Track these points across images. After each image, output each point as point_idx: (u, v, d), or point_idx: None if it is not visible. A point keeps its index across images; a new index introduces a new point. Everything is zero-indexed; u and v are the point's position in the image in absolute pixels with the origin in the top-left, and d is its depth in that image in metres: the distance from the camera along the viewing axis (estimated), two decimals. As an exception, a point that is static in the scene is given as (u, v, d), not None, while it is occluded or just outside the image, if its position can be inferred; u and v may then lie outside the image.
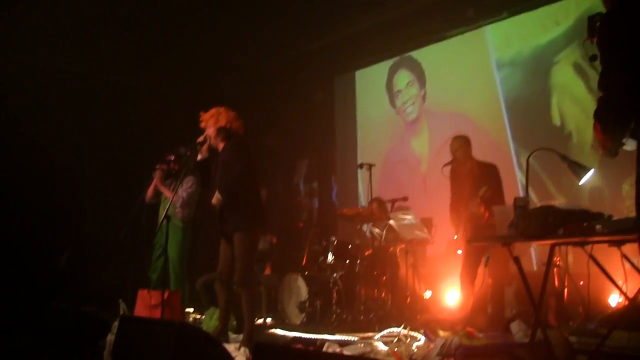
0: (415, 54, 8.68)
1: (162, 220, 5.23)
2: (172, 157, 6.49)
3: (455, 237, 6.02)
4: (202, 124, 5.30)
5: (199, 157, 5.30)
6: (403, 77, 8.89)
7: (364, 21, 8.35)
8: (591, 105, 5.79)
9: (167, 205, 5.49)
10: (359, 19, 8.33)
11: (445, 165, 6.18)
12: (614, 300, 5.25)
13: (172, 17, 7.98)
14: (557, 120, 6.95)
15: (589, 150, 6.47)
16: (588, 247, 3.58)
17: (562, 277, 5.08)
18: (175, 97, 9.55)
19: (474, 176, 5.80)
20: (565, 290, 5.11)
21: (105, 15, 7.67)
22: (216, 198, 5.02)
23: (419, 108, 8.63)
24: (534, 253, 6.72)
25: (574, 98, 6.72)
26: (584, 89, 6.62)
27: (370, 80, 9.42)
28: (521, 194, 6.71)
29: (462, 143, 5.94)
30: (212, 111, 5.29)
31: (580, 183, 3.70)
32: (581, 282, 4.62)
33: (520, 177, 7.01)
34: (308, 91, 10.12)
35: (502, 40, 7.64)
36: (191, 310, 7.05)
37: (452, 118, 8.02)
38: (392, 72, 9.05)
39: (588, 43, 3.55)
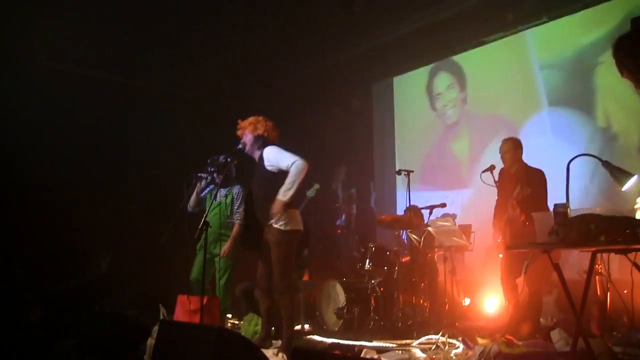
0: (456, 57, 8.62)
1: (201, 227, 5.27)
2: (214, 168, 6.51)
3: (499, 239, 5.91)
4: (240, 132, 5.35)
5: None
6: (443, 80, 8.83)
7: (401, 28, 8.33)
8: (638, 105, 5.67)
9: (207, 212, 5.55)
10: (397, 26, 8.31)
11: (485, 171, 6.14)
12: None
13: (212, 26, 8.08)
14: (602, 122, 6.79)
15: (635, 153, 6.32)
16: (632, 255, 3.50)
17: (605, 286, 4.97)
18: (215, 105, 9.66)
19: (517, 180, 5.74)
20: (608, 299, 4.99)
21: (145, 25, 7.81)
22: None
23: (459, 111, 8.56)
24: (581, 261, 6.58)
25: (620, 99, 6.53)
26: (630, 90, 6.44)
27: (408, 87, 9.39)
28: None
29: (510, 146, 5.90)
30: (251, 119, 5.33)
31: (623, 189, 3.62)
32: (625, 291, 4.52)
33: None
34: (346, 98, 10.14)
35: (544, 43, 7.51)
36: (230, 316, 7.10)
37: (493, 121, 7.94)
38: (433, 74, 8.98)
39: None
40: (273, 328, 5.68)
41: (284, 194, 4.90)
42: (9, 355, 4.56)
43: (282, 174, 5.02)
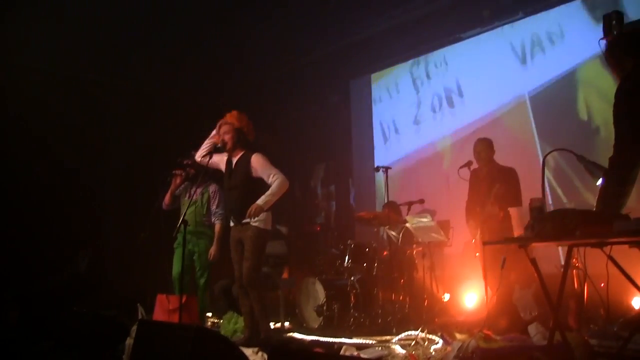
0: (440, 52, 8.62)
1: (180, 225, 5.24)
2: (189, 162, 6.47)
3: (473, 240, 5.99)
4: (219, 129, 5.35)
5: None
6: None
7: (377, 25, 8.34)
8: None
9: (185, 210, 5.52)
10: (374, 23, 8.32)
11: (462, 167, 6.19)
12: (637, 302, 5.18)
13: (187, 21, 8.02)
14: (584, 115, 6.83)
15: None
16: (607, 249, 3.53)
17: (582, 279, 5.02)
18: (191, 102, 9.60)
19: (492, 179, 5.80)
20: (585, 292, 5.05)
21: (120, 23, 7.74)
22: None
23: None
24: (562, 255, 6.62)
25: (601, 92, 6.55)
26: (611, 83, 6.49)
27: (386, 83, 9.40)
28: (548, 191, 6.65)
29: (485, 146, 5.98)
30: (233, 116, 5.35)
31: (598, 184, 3.66)
32: (602, 284, 4.58)
33: (547, 174, 6.89)
34: (324, 95, 10.14)
35: (525, 37, 7.54)
36: (209, 314, 7.08)
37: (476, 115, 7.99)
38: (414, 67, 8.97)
39: (603, 42, 3.56)
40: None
41: (265, 201, 5.04)
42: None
43: (260, 179, 5.20)
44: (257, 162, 5.21)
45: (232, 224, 5.42)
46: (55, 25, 7.49)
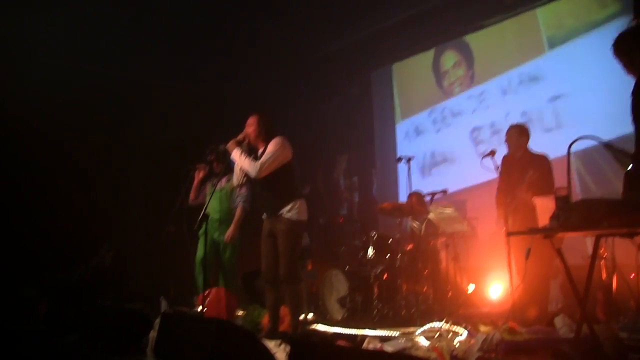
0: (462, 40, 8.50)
1: (201, 218, 5.23)
2: (213, 156, 6.44)
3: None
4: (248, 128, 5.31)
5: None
6: (449, 58, 8.70)
7: (398, 15, 8.26)
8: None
9: (208, 200, 5.53)
10: (394, 13, 8.25)
11: (485, 156, 6.08)
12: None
13: (207, 14, 8.02)
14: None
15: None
16: (638, 238, 3.45)
17: (610, 270, 4.92)
18: (213, 95, 9.60)
19: (523, 165, 5.69)
20: (614, 283, 4.95)
21: (139, 17, 7.76)
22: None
23: (466, 90, 8.43)
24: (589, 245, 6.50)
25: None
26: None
27: (407, 73, 9.32)
28: (576, 182, 6.54)
29: (513, 133, 5.86)
30: (256, 114, 5.30)
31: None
32: (632, 275, 4.48)
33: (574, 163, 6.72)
34: (346, 86, 10.10)
35: (554, 20, 7.38)
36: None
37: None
38: (439, 52, 8.85)
39: (634, 23, 3.47)
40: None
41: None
42: (13, 350, 4.55)
43: (282, 166, 5.04)
44: (271, 144, 5.07)
45: (264, 216, 5.26)
46: (74, 19, 7.54)
